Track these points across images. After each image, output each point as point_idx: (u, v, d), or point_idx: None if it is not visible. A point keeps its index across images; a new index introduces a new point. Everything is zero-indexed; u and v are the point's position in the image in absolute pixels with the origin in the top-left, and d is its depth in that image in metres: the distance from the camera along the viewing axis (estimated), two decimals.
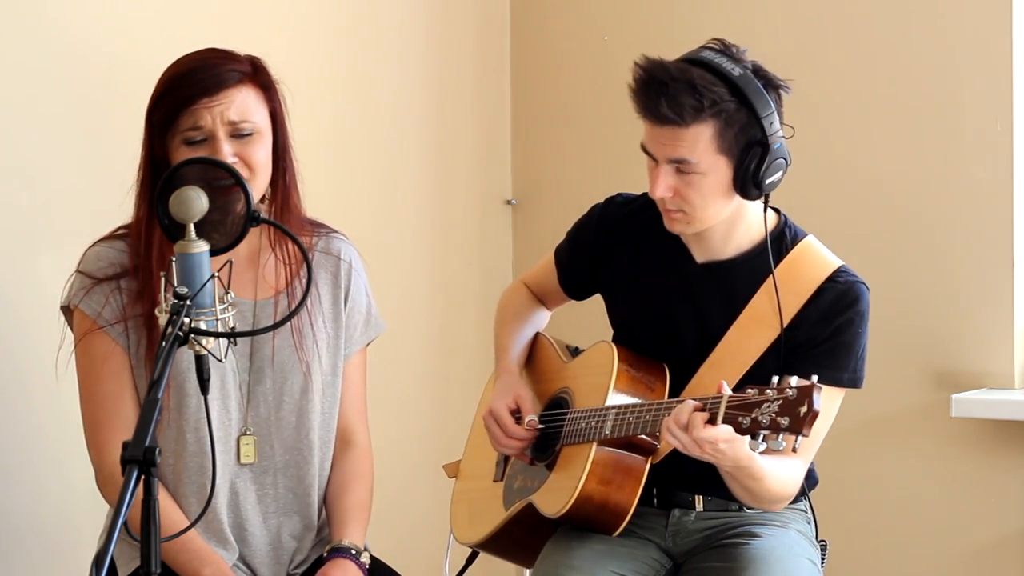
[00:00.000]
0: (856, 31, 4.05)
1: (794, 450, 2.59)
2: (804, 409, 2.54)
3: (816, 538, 3.02)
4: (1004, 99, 3.86)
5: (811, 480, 3.02)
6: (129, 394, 2.90)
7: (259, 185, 2.89)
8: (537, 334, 3.24)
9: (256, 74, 2.89)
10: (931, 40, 3.94)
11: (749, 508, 2.97)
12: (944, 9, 3.92)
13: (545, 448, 3.04)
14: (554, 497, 2.94)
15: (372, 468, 3.07)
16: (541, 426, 3.05)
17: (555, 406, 3.07)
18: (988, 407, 3.84)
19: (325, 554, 2.95)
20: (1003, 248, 3.87)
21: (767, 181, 2.84)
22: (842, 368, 2.87)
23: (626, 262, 3.03)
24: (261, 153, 2.88)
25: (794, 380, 2.57)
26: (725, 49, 2.84)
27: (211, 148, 2.82)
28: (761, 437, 2.57)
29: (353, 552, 2.94)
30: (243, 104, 2.85)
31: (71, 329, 2.95)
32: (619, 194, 3.11)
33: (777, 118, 2.83)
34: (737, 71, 2.79)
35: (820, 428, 2.84)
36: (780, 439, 2.56)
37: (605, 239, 3.06)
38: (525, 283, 3.28)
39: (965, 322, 3.91)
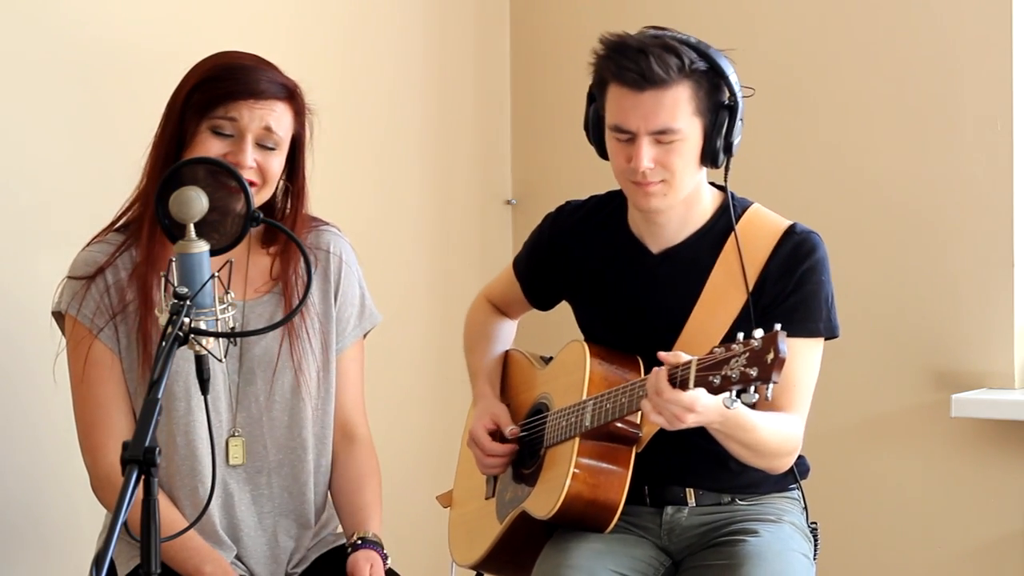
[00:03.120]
0: (856, 31, 4.05)
1: (767, 399, 2.59)
2: (771, 356, 2.55)
3: (808, 523, 3.03)
4: (1004, 99, 3.86)
5: (802, 467, 3.03)
6: (122, 398, 2.91)
7: (264, 195, 2.92)
8: (509, 351, 3.27)
9: (294, 97, 2.93)
10: (931, 40, 3.94)
11: (742, 500, 2.98)
12: (944, 9, 3.92)
13: (532, 455, 3.05)
14: (543, 499, 2.95)
15: (379, 462, 3.08)
16: (523, 433, 3.06)
17: (536, 413, 3.09)
18: (988, 407, 3.84)
19: (350, 547, 2.96)
20: (1003, 248, 3.87)
21: (736, 142, 2.88)
22: (814, 319, 2.89)
23: (584, 266, 3.05)
24: (276, 165, 2.91)
25: (758, 332, 2.59)
26: (666, 29, 2.90)
27: (236, 145, 2.86)
28: (734, 393, 2.58)
29: (377, 544, 2.95)
30: (279, 118, 2.90)
31: (63, 333, 2.96)
32: (568, 201, 3.15)
33: (738, 79, 2.87)
34: (693, 39, 2.86)
35: (806, 379, 2.89)
36: (752, 391, 2.57)
37: (561, 246, 3.09)
38: (487, 298, 3.31)
39: (965, 322, 3.91)
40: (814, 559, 3.01)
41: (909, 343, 3.96)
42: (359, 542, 2.95)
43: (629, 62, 2.82)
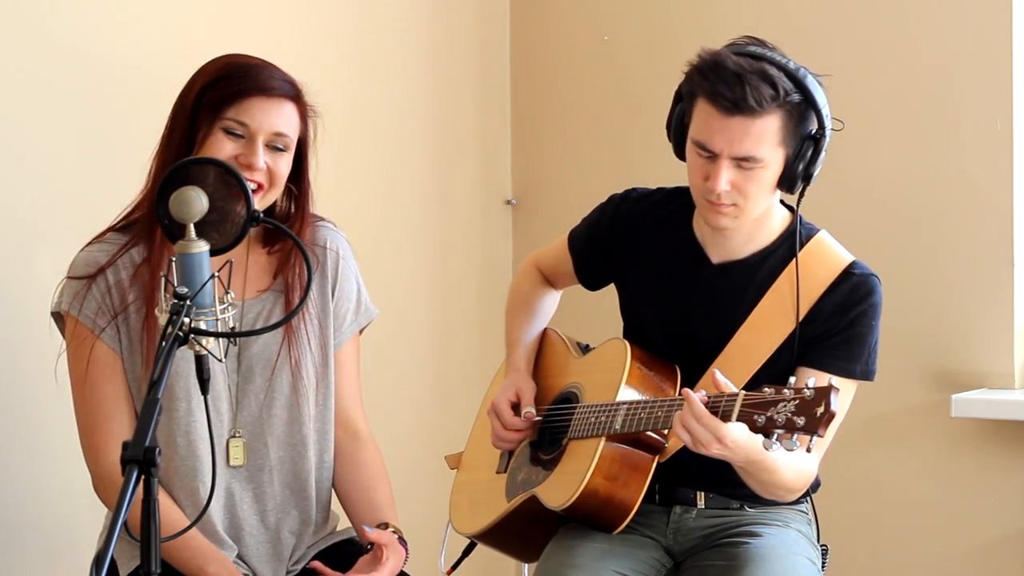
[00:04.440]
0: (856, 31, 4.05)
1: (808, 450, 2.59)
2: (821, 410, 2.54)
3: (817, 540, 3.03)
4: (1004, 99, 3.86)
5: (813, 483, 3.02)
6: (123, 397, 2.91)
7: (271, 197, 2.93)
8: (547, 329, 3.25)
9: (300, 98, 2.95)
10: (931, 40, 3.94)
11: (751, 507, 2.98)
12: (944, 9, 3.92)
13: (552, 442, 3.05)
14: (559, 490, 2.94)
15: (383, 458, 3.10)
16: (538, 418, 3.06)
17: (564, 401, 3.07)
18: (988, 407, 3.84)
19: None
20: (1003, 248, 3.87)
21: (816, 172, 2.86)
22: (855, 360, 2.88)
23: (640, 258, 3.03)
24: (284, 167, 2.93)
25: (811, 380, 2.57)
26: (764, 44, 2.85)
27: (248, 148, 2.87)
28: (775, 436, 2.57)
29: (404, 541, 2.97)
30: (288, 120, 2.91)
31: (62, 334, 2.96)
32: (635, 188, 3.11)
33: (829, 110, 2.85)
34: (792, 64, 2.81)
35: (833, 421, 2.85)
36: (795, 439, 2.56)
37: (620, 233, 3.06)
38: (537, 265, 3.28)
39: (965, 322, 3.91)
40: (821, 569, 3.00)
41: (909, 343, 3.96)
42: (397, 537, 2.96)
43: (724, 87, 2.76)
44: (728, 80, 2.76)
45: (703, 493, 2.98)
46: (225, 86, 2.88)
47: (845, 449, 3.99)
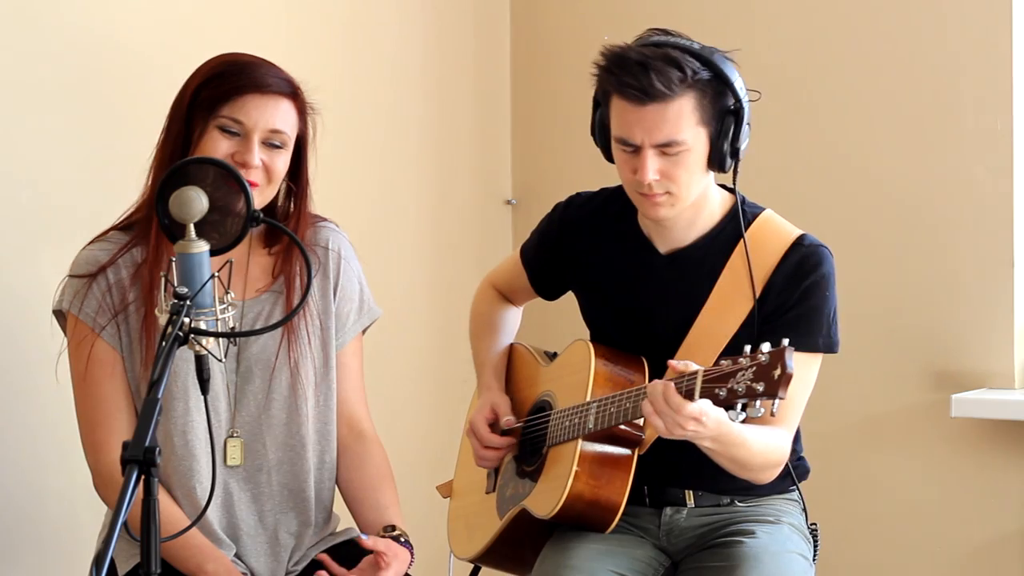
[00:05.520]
0: (856, 31, 4.05)
1: (772, 414, 2.60)
2: (778, 372, 2.55)
3: (807, 524, 3.03)
4: (1004, 99, 3.86)
5: (802, 469, 3.03)
6: (123, 396, 2.92)
7: (268, 194, 2.94)
8: (513, 344, 3.27)
9: (297, 95, 2.95)
10: (931, 40, 3.94)
11: (742, 501, 2.98)
12: (944, 9, 3.92)
13: (534, 452, 3.05)
14: (545, 498, 2.95)
15: (388, 457, 3.10)
16: (519, 425, 3.07)
17: (539, 410, 3.09)
18: (988, 407, 3.84)
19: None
20: (1003, 248, 3.87)
21: (742, 147, 2.87)
22: (815, 333, 2.88)
23: (593, 260, 3.05)
24: (282, 164, 2.93)
25: (765, 346, 2.59)
26: (669, 32, 2.88)
27: (243, 146, 2.88)
28: (740, 406, 2.59)
29: (410, 544, 2.97)
30: (285, 117, 2.92)
31: (63, 332, 2.96)
32: (578, 194, 3.14)
33: (743, 83, 2.86)
34: (696, 45, 2.84)
35: (799, 394, 2.87)
36: (758, 405, 2.57)
37: (570, 239, 3.08)
38: (493, 285, 3.30)
39: (965, 322, 3.91)
40: (814, 560, 3.01)
41: (909, 343, 3.96)
42: (401, 539, 2.96)
43: (630, 77, 2.79)
44: (633, 71, 2.79)
45: (692, 492, 2.98)
46: (220, 84, 2.89)
47: (845, 449, 4.01)
